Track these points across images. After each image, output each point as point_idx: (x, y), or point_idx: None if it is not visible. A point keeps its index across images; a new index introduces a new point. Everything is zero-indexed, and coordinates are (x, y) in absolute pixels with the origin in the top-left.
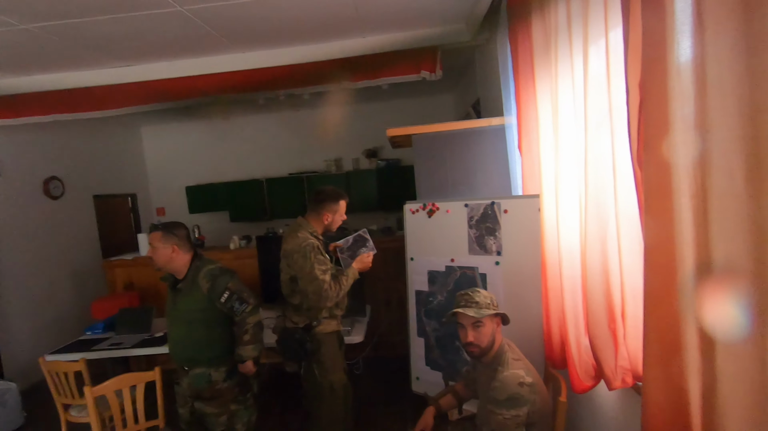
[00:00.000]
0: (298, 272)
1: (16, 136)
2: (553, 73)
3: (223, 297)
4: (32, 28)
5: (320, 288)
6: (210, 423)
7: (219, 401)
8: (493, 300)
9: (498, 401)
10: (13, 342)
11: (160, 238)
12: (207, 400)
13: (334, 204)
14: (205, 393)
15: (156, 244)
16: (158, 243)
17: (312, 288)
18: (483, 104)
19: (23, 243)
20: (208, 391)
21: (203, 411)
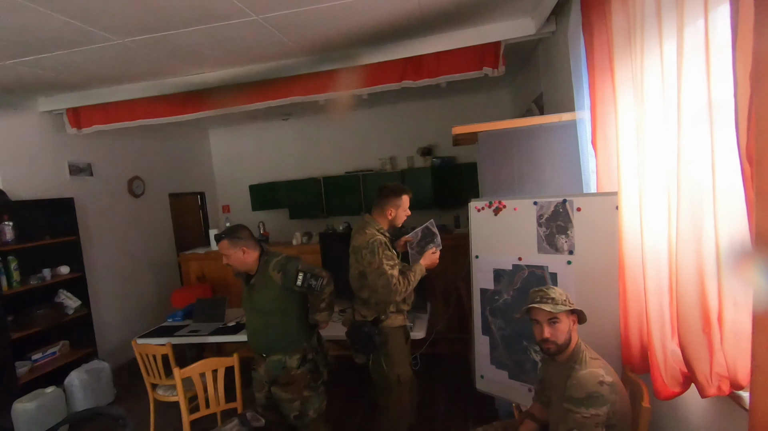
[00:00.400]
0: (366, 267)
1: (106, 140)
2: (637, 63)
3: (298, 280)
4: (128, 42)
5: (389, 282)
6: (285, 407)
7: (293, 387)
8: (569, 298)
9: (576, 399)
10: (105, 326)
11: (228, 245)
12: (282, 386)
13: (396, 199)
14: (281, 379)
15: (227, 252)
16: (229, 251)
17: (381, 283)
18: (546, 99)
19: (111, 236)
20: (283, 377)
21: (279, 396)
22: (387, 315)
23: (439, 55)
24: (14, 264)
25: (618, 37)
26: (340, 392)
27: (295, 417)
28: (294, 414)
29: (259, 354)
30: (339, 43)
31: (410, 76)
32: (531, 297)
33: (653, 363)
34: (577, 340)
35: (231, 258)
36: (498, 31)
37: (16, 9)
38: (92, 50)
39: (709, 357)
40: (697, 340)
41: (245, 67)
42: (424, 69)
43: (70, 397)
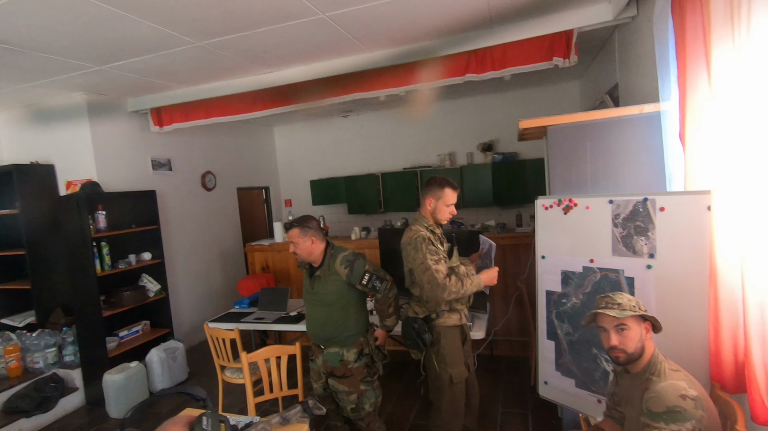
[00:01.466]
0: (411, 263)
1: (183, 138)
2: (740, 47)
3: (363, 279)
4: (206, 44)
5: (434, 278)
6: (342, 400)
7: (350, 380)
8: (639, 304)
9: (655, 413)
10: (180, 309)
11: (299, 234)
12: (339, 378)
13: (438, 190)
14: (338, 371)
15: (296, 240)
16: (298, 239)
17: (426, 279)
18: (622, 90)
19: (187, 227)
20: (341, 369)
21: (336, 388)
22: (439, 314)
23: (505, 46)
24: (106, 250)
25: (717, 16)
26: (396, 387)
27: (352, 409)
28: (351, 407)
29: (317, 345)
30: (403, 39)
31: (474, 69)
32: (597, 304)
33: (751, 382)
34: (654, 350)
35: (299, 247)
36: (571, 19)
37: (114, 18)
38: (174, 53)
39: None
40: None
41: (310, 65)
42: (488, 61)
43: (150, 372)
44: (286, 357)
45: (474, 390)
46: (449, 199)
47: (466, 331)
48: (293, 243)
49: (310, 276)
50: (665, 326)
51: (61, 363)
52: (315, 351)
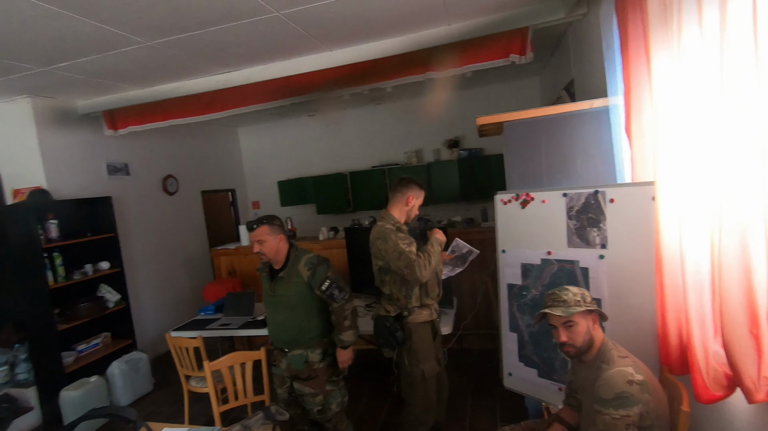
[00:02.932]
0: (385, 256)
1: (141, 141)
2: (674, 43)
3: (323, 285)
4: (156, 44)
5: (410, 260)
6: (308, 402)
7: (315, 381)
8: (585, 296)
9: (605, 400)
10: (143, 319)
11: (269, 231)
12: (304, 380)
13: (419, 190)
14: (303, 373)
15: (266, 237)
16: (268, 236)
17: (403, 263)
18: (578, 86)
19: (148, 233)
20: (305, 371)
21: (302, 391)
22: (410, 311)
23: (464, 44)
24: (59, 260)
25: (654, 13)
26: (367, 387)
27: (318, 411)
28: (317, 409)
29: (280, 348)
30: (361, 37)
31: (434, 68)
32: (544, 302)
33: (693, 364)
34: (603, 339)
35: (266, 245)
36: (525, 16)
37: (52, 17)
38: (123, 53)
39: (757, 359)
40: (743, 340)
41: (269, 65)
42: (448, 59)
43: (112, 386)
44: (251, 363)
45: (444, 384)
46: (422, 200)
47: (436, 327)
48: (260, 242)
49: (270, 278)
50: (617, 313)
51: (14, 382)
52: (278, 356)
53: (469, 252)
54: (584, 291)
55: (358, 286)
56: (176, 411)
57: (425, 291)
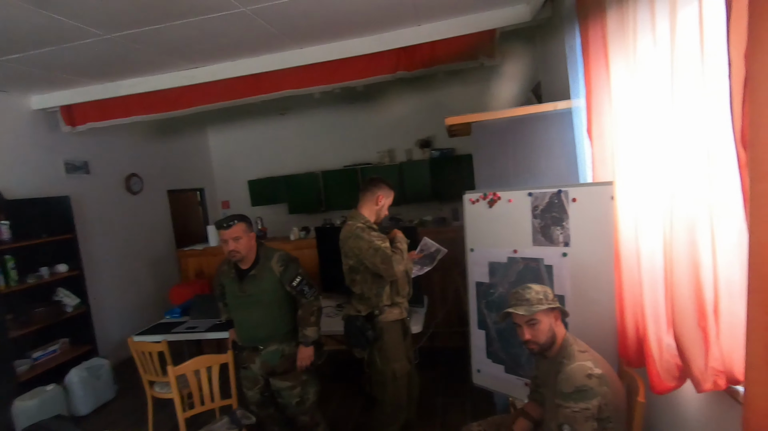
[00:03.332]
0: (359, 254)
1: (102, 137)
2: (630, 48)
3: (295, 281)
4: (116, 37)
5: (386, 255)
6: (286, 396)
7: (292, 374)
8: (548, 294)
9: (565, 394)
10: (105, 323)
11: (245, 229)
12: (281, 375)
13: (389, 190)
14: (279, 368)
15: (241, 235)
16: (244, 234)
17: (379, 260)
18: (545, 88)
19: (110, 234)
20: (282, 365)
21: (279, 386)
22: (381, 310)
23: (434, 44)
24: (11, 263)
25: (612, 20)
26: (339, 387)
27: (297, 403)
28: (296, 401)
29: (254, 347)
30: (331, 34)
31: (405, 66)
32: (509, 301)
33: (648, 356)
34: (564, 335)
35: (242, 242)
36: (493, 19)
37: None
38: (80, 46)
39: (704, 351)
40: (692, 333)
41: (237, 61)
42: (418, 59)
43: (70, 395)
44: (218, 366)
45: (415, 383)
46: (391, 200)
47: (407, 325)
48: (235, 239)
49: (239, 278)
50: (579, 309)
51: None
52: (249, 357)
53: (437, 251)
54: (546, 289)
55: (329, 286)
56: (140, 418)
57: (396, 290)
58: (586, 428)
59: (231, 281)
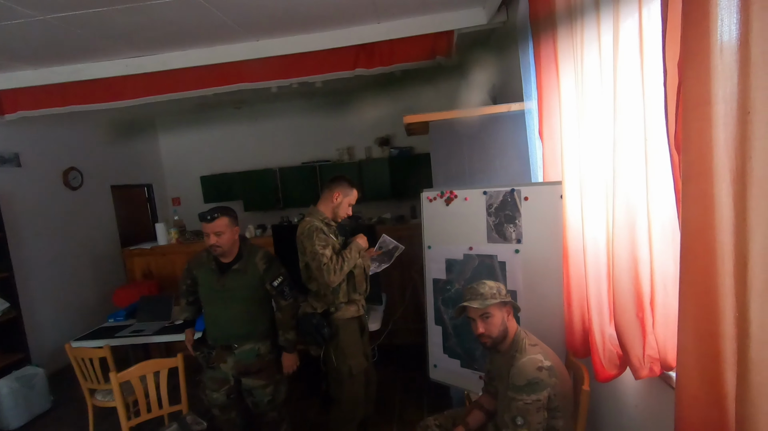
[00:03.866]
0: (308, 256)
1: (36, 128)
2: (578, 54)
3: (276, 280)
4: (51, 19)
5: (320, 262)
6: (258, 395)
7: (266, 373)
8: (501, 289)
9: (518, 387)
10: (39, 329)
11: (228, 223)
12: (255, 374)
13: (348, 188)
14: (254, 367)
15: (224, 229)
16: (227, 228)
17: (315, 265)
18: (499, 90)
19: (45, 233)
20: (256, 364)
21: (252, 385)
22: (338, 307)
23: (392, 42)
24: None
25: (561, 27)
26: (296, 387)
27: (269, 401)
28: (268, 399)
29: (228, 345)
30: (289, 28)
31: (363, 64)
32: (463, 295)
33: (593, 347)
34: (516, 329)
35: (225, 237)
36: (451, 20)
37: None
38: (10, 27)
39: (642, 340)
40: (631, 324)
41: (187, 51)
42: (377, 56)
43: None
44: (166, 371)
45: (372, 380)
46: (353, 200)
47: (364, 323)
48: (217, 234)
49: (220, 272)
50: (530, 303)
51: None
52: (219, 355)
53: (395, 248)
54: (500, 285)
55: None
56: (80, 429)
57: (353, 287)
58: (537, 418)
59: (209, 273)
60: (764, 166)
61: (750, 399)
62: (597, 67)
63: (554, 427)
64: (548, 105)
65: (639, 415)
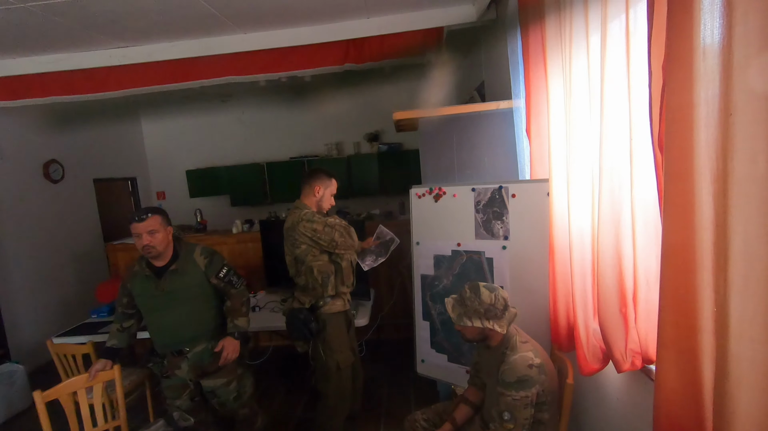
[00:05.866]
0: (312, 236)
1: (16, 119)
2: (566, 54)
3: (221, 272)
4: (31, 6)
5: (343, 226)
6: (222, 394)
7: (226, 369)
8: (495, 305)
9: (508, 383)
10: (19, 325)
11: (161, 222)
12: (214, 373)
13: (326, 179)
14: (211, 367)
15: (158, 228)
16: (161, 227)
17: (337, 233)
18: (488, 87)
19: (25, 226)
20: (213, 364)
21: (213, 386)
22: (325, 301)
23: (382, 38)
24: None
25: (550, 26)
26: (283, 383)
27: (235, 398)
28: (233, 396)
29: (179, 350)
30: (278, 21)
31: (353, 59)
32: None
33: (578, 341)
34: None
35: (158, 236)
36: (440, 17)
37: None
38: None
39: (624, 334)
40: (614, 319)
41: (174, 42)
42: (366, 52)
43: None
44: (101, 386)
45: (359, 374)
46: (334, 190)
47: (350, 317)
48: (151, 233)
49: (157, 276)
50: (517, 298)
51: None
52: (172, 363)
53: (392, 240)
54: (497, 298)
55: (274, 280)
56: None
57: (341, 279)
58: (525, 414)
59: (145, 281)
60: (744, 166)
61: (728, 391)
62: (585, 66)
63: (540, 420)
64: (536, 103)
65: (621, 407)
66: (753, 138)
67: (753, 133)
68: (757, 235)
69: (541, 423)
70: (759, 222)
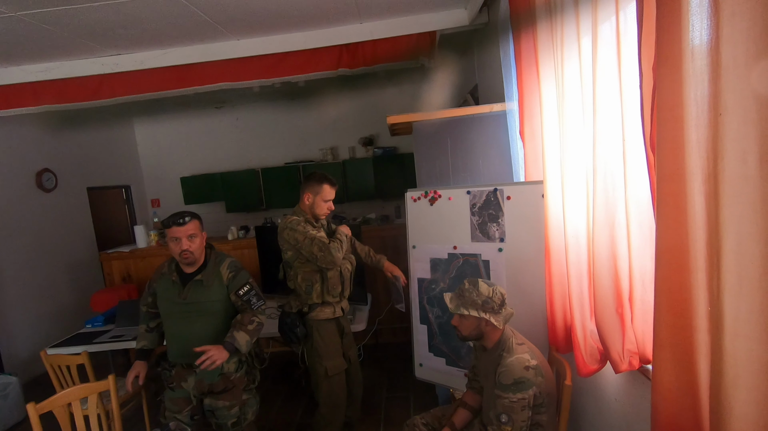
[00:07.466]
0: (295, 245)
1: (7, 128)
2: (558, 56)
3: (243, 289)
4: (22, 16)
5: (323, 243)
6: (222, 416)
7: (232, 392)
8: (492, 298)
9: (505, 385)
10: (13, 337)
11: (199, 227)
12: (219, 394)
13: (316, 185)
14: (218, 387)
15: (197, 232)
16: (198, 232)
17: (317, 248)
18: (481, 90)
19: (18, 236)
20: (221, 384)
21: (215, 406)
22: (311, 308)
23: (376, 42)
24: None
25: (541, 28)
26: (282, 389)
27: (233, 424)
28: (232, 421)
29: (190, 364)
30: (271, 27)
31: (346, 64)
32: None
33: (575, 342)
34: (503, 329)
35: (196, 242)
36: (433, 21)
37: None
38: None
39: (621, 335)
40: (610, 320)
41: (167, 49)
42: (360, 57)
43: None
44: (96, 396)
45: (357, 382)
46: (327, 195)
47: (343, 324)
48: (190, 237)
49: (182, 283)
50: (514, 300)
51: None
52: (179, 375)
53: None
54: (496, 291)
55: (271, 287)
56: None
57: (326, 288)
58: (522, 416)
59: (170, 285)
60: (735, 165)
61: (724, 388)
62: (577, 69)
63: (539, 422)
64: (529, 105)
65: (620, 408)
66: (742, 138)
67: (742, 132)
68: (749, 234)
69: (539, 425)
70: (751, 221)
